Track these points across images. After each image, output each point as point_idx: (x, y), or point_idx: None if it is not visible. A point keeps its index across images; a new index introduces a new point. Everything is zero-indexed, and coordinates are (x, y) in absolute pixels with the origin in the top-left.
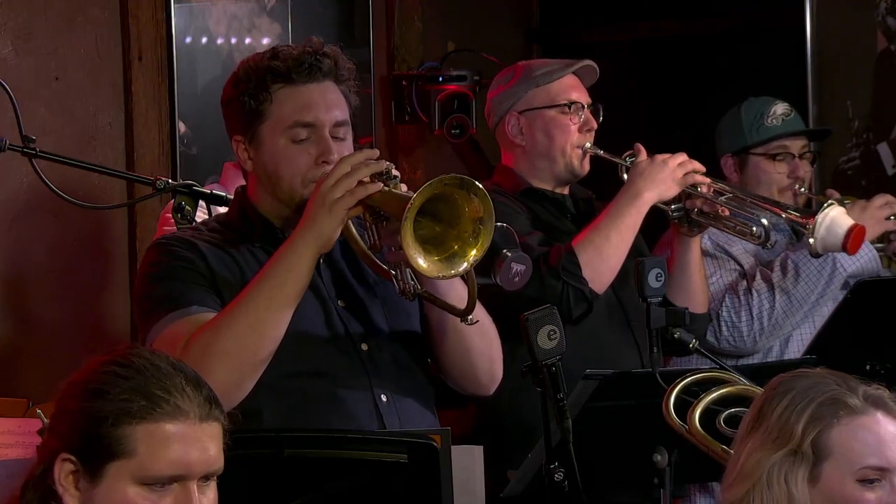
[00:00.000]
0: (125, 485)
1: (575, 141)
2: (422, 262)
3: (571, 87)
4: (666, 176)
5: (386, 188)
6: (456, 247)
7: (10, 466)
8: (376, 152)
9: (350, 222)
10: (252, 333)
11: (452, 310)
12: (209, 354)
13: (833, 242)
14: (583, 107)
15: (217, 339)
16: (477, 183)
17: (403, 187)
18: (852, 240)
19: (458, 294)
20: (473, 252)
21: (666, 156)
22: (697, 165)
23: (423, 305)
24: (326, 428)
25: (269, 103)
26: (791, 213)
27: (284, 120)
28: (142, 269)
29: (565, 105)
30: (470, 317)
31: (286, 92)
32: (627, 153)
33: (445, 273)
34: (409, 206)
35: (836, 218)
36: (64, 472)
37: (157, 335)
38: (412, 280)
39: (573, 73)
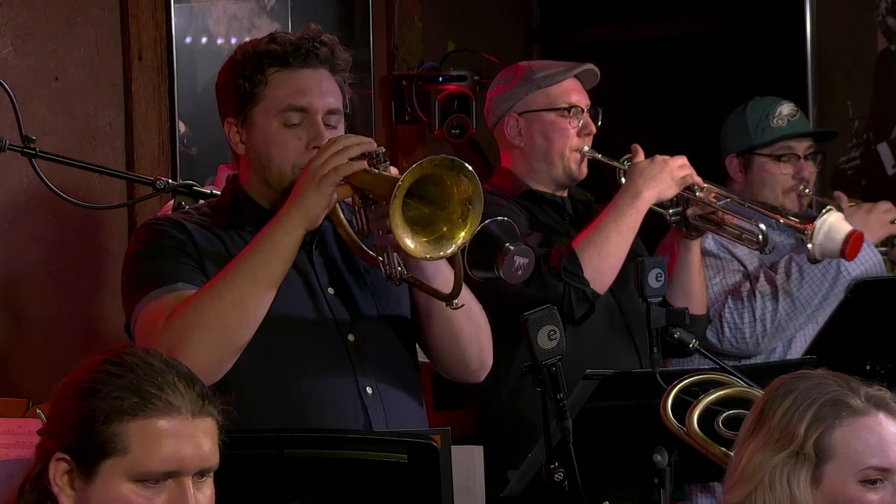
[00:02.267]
0: (119, 482)
1: (573, 144)
2: (409, 243)
3: (572, 91)
4: (665, 175)
5: (375, 170)
6: (445, 229)
7: (10, 466)
8: (369, 140)
9: (339, 207)
10: (235, 308)
11: (438, 294)
12: (190, 327)
13: (831, 248)
14: (582, 110)
15: (199, 312)
16: (466, 164)
17: (394, 170)
18: (851, 246)
19: (444, 278)
20: (462, 234)
21: (665, 157)
22: (694, 172)
23: (413, 292)
24: (326, 428)
25: (264, 86)
26: (790, 219)
27: (278, 103)
28: (129, 249)
29: (565, 108)
30: (456, 301)
31: (281, 76)
32: (626, 157)
33: (433, 255)
34: (398, 185)
35: (834, 224)
36: (59, 471)
37: (142, 310)
38: (399, 265)
39: (574, 76)
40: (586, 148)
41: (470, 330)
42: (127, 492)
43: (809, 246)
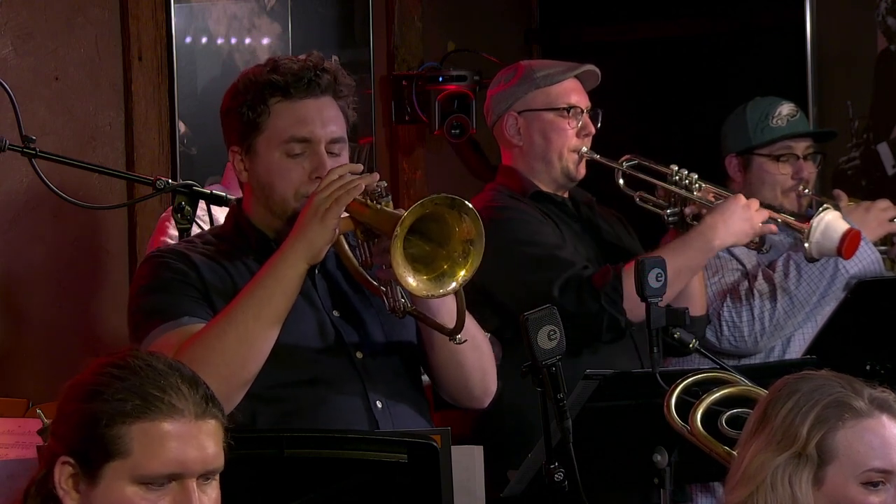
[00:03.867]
0: (123, 485)
1: (572, 145)
2: (411, 281)
3: (572, 91)
4: (741, 217)
5: (378, 205)
6: (445, 266)
7: (10, 466)
8: (372, 174)
9: (342, 238)
10: (240, 345)
11: (442, 329)
12: (197, 366)
13: (828, 247)
14: (582, 111)
15: (205, 350)
16: (468, 203)
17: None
18: (847, 244)
19: (449, 312)
20: (462, 272)
21: (746, 202)
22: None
23: (418, 322)
24: (326, 428)
25: (267, 116)
26: (786, 218)
27: (280, 134)
28: (134, 283)
29: (564, 109)
30: (459, 336)
31: (283, 106)
32: (624, 158)
33: (434, 292)
34: (399, 224)
35: (831, 222)
36: (64, 474)
37: (149, 346)
38: (403, 298)
39: (575, 76)
40: (585, 149)
41: (474, 358)
42: (130, 494)
43: (806, 245)
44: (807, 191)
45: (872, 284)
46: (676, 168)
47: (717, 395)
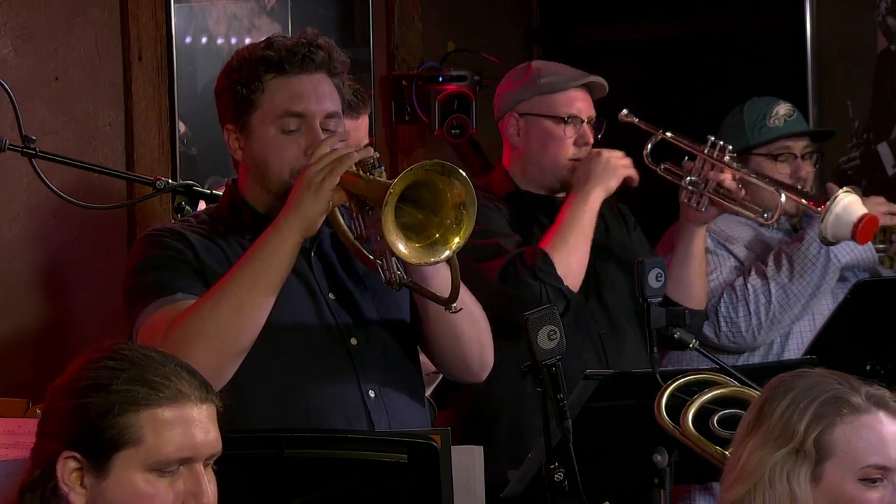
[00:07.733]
0: (134, 473)
1: (569, 154)
2: (403, 249)
3: (575, 100)
4: (608, 171)
5: (370, 175)
6: (437, 234)
7: (9, 466)
8: (364, 145)
9: (338, 212)
10: (234, 316)
11: (437, 298)
12: (190, 337)
13: (843, 229)
14: (582, 121)
15: (198, 321)
16: (458, 168)
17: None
18: (862, 228)
19: (443, 280)
20: (456, 239)
21: (603, 151)
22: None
23: (413, 295)
24: (326, 428)
25: (261, 93)
26: (804, 197)
27: (275, 109)
28: (129, 261)
29: (563, 118)
30: (454, 305)
31: (278, 82)
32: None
33: (426, 260)
34: (389, 191)
35: (849, 205)
36: (67, 470)
37: (143, 322)
38: (398, 270)
39: (581, 85)
40: (625, 111)
41: (471, 331)
42: (142, 482)
43: (821, 226)
44: (805, 190)
45: (872, 284)
46: (713, 139)
47: (708, 396)
